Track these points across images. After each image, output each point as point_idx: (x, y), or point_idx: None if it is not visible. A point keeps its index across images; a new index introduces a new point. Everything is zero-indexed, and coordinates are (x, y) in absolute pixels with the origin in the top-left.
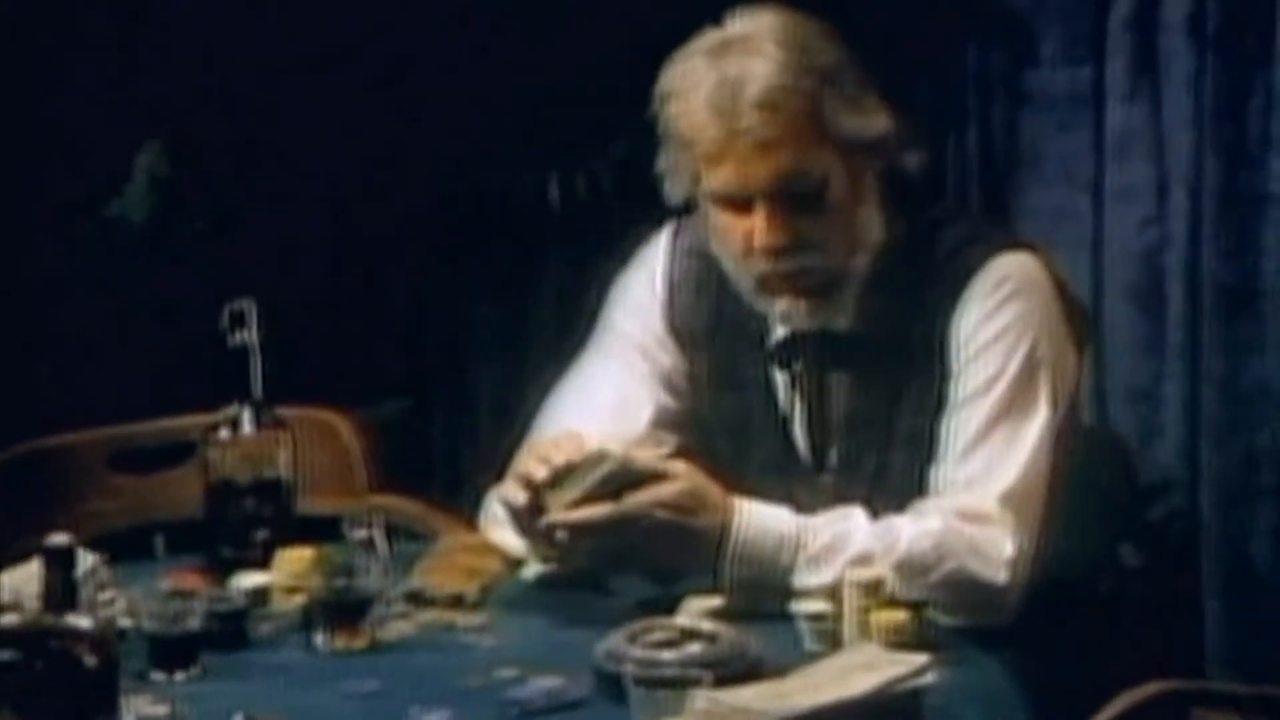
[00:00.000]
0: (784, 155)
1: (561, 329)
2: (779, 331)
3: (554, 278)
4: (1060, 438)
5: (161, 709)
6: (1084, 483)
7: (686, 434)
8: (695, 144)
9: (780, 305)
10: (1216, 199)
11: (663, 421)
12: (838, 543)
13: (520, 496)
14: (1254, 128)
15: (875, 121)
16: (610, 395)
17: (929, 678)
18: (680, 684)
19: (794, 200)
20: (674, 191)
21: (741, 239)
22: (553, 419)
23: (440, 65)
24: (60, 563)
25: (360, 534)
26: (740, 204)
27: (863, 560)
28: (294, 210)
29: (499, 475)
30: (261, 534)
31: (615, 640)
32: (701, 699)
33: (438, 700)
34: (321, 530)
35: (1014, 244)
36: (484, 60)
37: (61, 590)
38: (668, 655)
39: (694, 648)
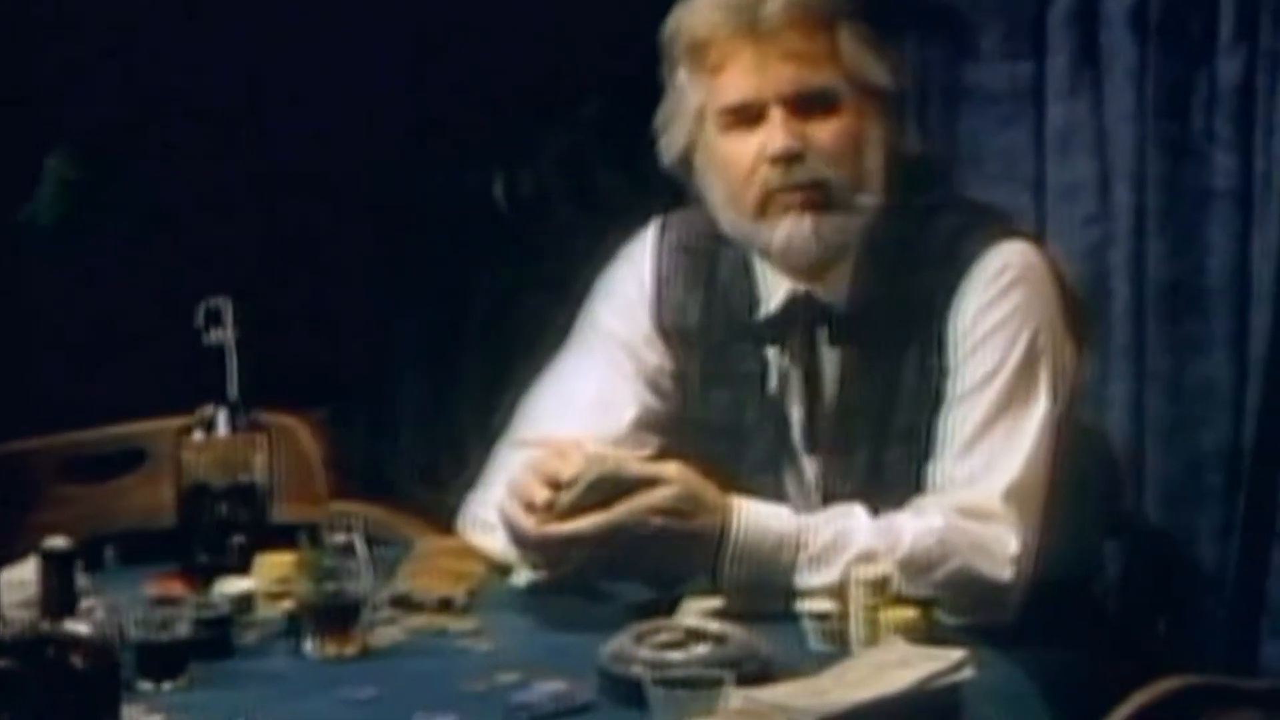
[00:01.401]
0: (801, 62)
1: (489, 335)
2: (773, 302)
3: (484, 282)
4: (1059, 431)
5: (156, 718)
6: (1074, 480)
7: (671, 436)
8: (709, 48)
9: (784, 227)
10: (1160, 195)
11: (646, 423)
12: (839, 541)
13: (527, 521)
14: (1197, 122)
15: (884, 71)
16: (592, 395)
17: (966, 673)
18: (702, 684)
19: (808, 108)
20: (671, 145)
21: (751, 156)
22: (532, 418)
23: (378, 63)
24: (59, 566)
25: (339, 538)
26: (752, 116)
27: (866, 558)
28: (221, 210)
29: (476, 478)
30: (238, 539)
31: (621, 642)
32: (737, 697)
33: (441, 705)
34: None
35: (1013, 232)
36: (423, 57)
37: (60, 595)
38: (676, 656)
39: (701, 648)
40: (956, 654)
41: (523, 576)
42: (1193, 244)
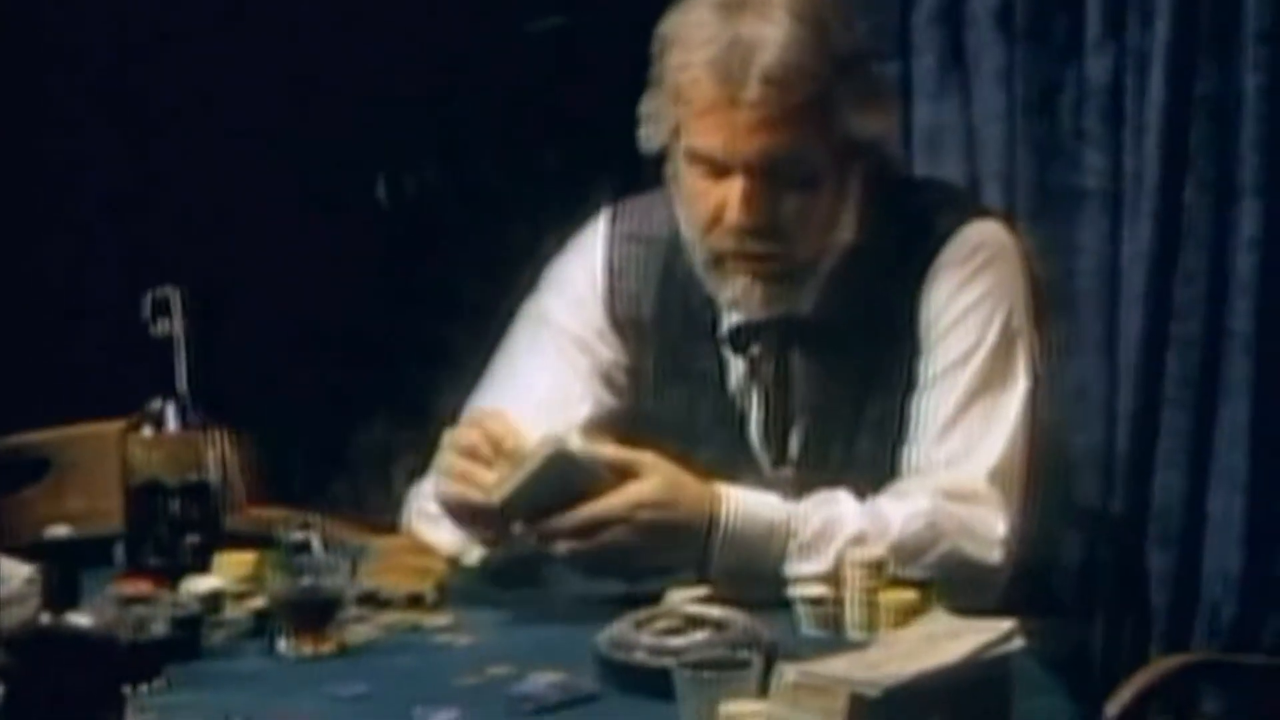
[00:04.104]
0: (780, 135)
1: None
2: (736, 315)
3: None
4: (1035, 411)
5: (146, 717)
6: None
7: (624, 433)
8: (689, 100)
9: (733, 289)
10: (1030, 195)
11: (602, 420)
12: (829, 529)
13: (462, 464)
14: (1067, 122)
15: (878, 121)
16: (544, 392)
17: (1017, 643)
18: (729, 666)
19: (777, 181)
20: (650, 139)
21: (711, 208)
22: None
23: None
24: (61, 558)
25: (296, 536)
26: (719, 169)
27: (856, 544)
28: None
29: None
30: (191, 539)
31: (620, 629)
32: (791, 673)
33: (437, 700)
34: None
35: (983, 210)
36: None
37: (62, 589)
38: (677, 642)
39: (701, 634)
40: (1004, 625)
41: (473, 555)
42: (1063, 245)
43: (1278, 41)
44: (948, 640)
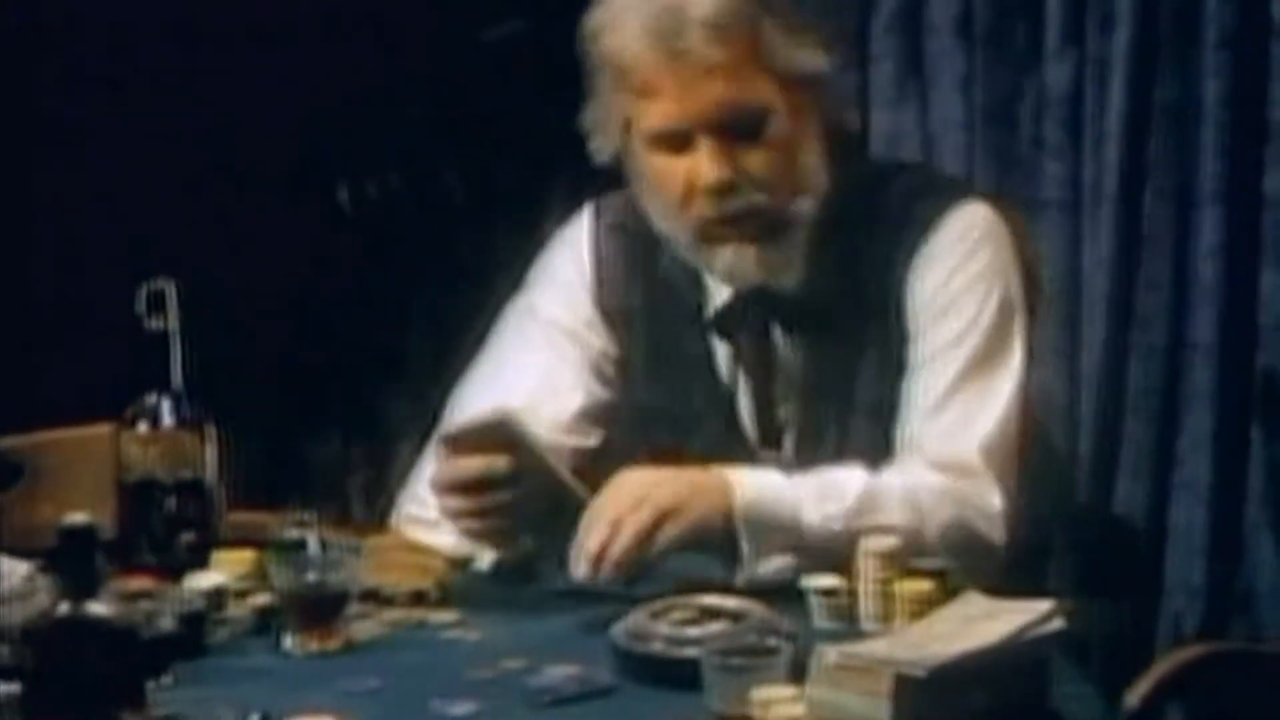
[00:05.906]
0: (726, 83)
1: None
2: (721, 297)
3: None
4: (1026, 391)
5: (160, 712)
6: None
7: (617, 426)
8: (632, 74)
9: (724, 255)
10: None
11: (591, 413)
12: (838, 485)
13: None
14: (1026, 130)
15: (815, 56)
16: (535, 383)
17: (1057, 624)
18: (759, 653)
19: (736, 133)
20: (602, 148)
21: (682, 183)
22: (468, 413)
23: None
24: (79, 546)
25: (293, 535)
26: (679, 142)
27: (862, 509)
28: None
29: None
30: (187, 537)
31: (638, 620)
32: (833, 654)
33: (456, 693)
34: None
35: (970, 193)
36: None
37: (80, 577)
38: (695, 633)
39: (718, 625)
40: (1043, 606)
41: (485, 559)
42: None
43: (1238, 48)
44: (986, 621)
